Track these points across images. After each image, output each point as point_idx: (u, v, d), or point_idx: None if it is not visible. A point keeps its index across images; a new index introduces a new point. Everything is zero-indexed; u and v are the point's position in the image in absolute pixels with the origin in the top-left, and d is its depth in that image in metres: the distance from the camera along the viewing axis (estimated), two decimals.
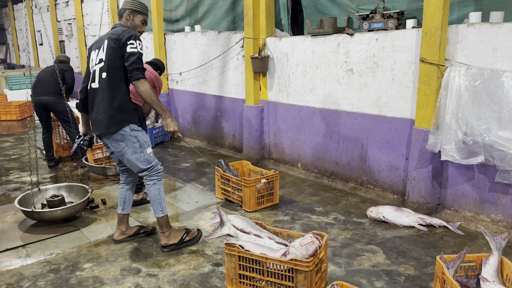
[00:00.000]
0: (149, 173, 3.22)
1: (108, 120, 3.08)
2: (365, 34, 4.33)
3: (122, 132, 3.10)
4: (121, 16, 3.25)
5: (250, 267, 2.72)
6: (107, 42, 3.06)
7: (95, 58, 3.16)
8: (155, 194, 3.25)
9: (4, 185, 5.09)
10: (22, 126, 8.97)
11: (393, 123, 4.23)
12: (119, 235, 3.54)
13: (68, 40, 12.15)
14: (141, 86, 3.01)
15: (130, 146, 3.13)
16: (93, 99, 3.17)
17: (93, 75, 3.15)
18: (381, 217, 3.82)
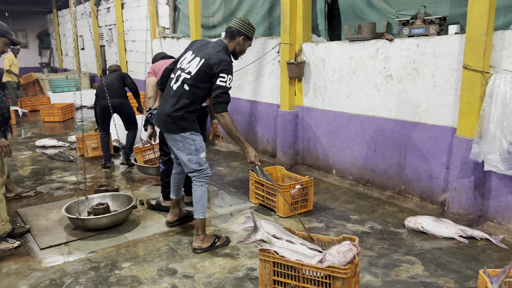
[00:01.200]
0: (199, 174, 3.37)
1: (171, 124, 3.28)
2: (405, 39, 4.26)
3: (182, 134, 3.29)
4: (232, 36, 3.32)
5: (285, 273, 2.70)
6: (203, 63, 3.19)
7: (187, 61, 3.30)
8: (200, 195, 3.37)
9: (48, 184, 5.31)
10: (64, 128, 9.33)
11: (433, 131, 4.12)
12: (172, 217, 3.86)
13: (109, 45, 12.57)
14: (222, 119, 3.22)
15: (186, 147, 3.31)
16: (167, 95, 3.36)
17: (177, 77, 3.31)
18: (420, 227, 3.73)
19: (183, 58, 3.38)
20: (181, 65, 3.35)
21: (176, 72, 3.36)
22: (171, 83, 3.36)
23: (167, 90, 3.39)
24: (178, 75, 3.31)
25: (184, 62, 3.34)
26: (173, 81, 3.35)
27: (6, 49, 3.45)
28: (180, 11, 8.55)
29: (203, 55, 3.23)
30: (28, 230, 3.89)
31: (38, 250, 3.55)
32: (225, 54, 3.25)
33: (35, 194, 4.89)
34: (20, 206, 4.54)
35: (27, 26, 19.35)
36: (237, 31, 3.30)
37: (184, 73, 3.27)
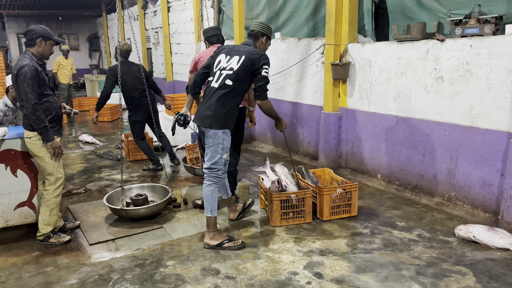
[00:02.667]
0: (210, 172, 3.55)
1: (214, 120, 3.46)
2: (457, 40, 4.07)
3: (217, 131, 3.47)
4: (256, 37, 3.67)
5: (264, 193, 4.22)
6: (244, 58, 3.45)
7: (224, 62, 3.54)
8: (208, 194, 3.55)
9: (97, 182, 5.51)
10: (112, 127, 9.68)
11: (487, 136, 3.91)
12: (234, 214, 4.06)
13: (155, 48, 12.92)
14: (265, 105, 3.54)
15: (215, 144, 3.49)
16: (209, 96, 3.53)
17: (218, 76, 3.51)
18: (471, 236, 3.55)
19: (217, 61, 3.59)
20: (218, 67, 3.55)
21: (214, 73, 3.56)
22: (211, 84, 3.55)
23: (208, 90, 3.57)
24: (219, 74, 3.51)
25: (221, 64, 3.55)
26: (213, 81, 3.54)
27: (53, 50, 3.63)
28: (225, 14, 8.65)
29: (242, 53, 3.48)
30: (78, 226, 4.05)
31: (87, 245, 3.69)
32: (258, 50, 3.57)
33: (85, 191, 5.10)
34: (70, 202, 4.75)
35: (78, 29, 20.27)
36: (260, 33, 3.66)
37: (225, 70, 3.48)
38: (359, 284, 2.97)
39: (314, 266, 3.22)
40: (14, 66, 3.47)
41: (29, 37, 3.50)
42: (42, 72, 3.51)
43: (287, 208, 3.96)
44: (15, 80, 3.44)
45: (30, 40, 3.50)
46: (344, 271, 3.15)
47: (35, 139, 3.52)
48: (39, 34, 3.49)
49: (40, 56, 3.54)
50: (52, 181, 3.63)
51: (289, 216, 3.98)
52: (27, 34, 3.51)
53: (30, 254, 3.54)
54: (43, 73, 3.52)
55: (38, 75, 3.43)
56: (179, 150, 7.08)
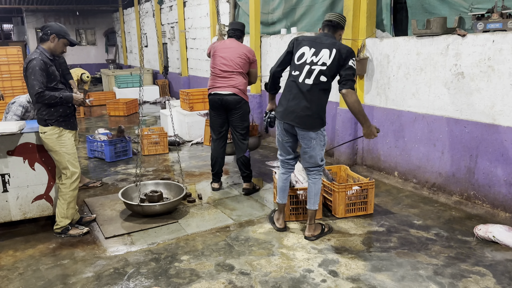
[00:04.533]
0: (319, 169, 3.58)
1: (315, 120, 3.41)
2: (479, 35, 3.97)
3: (318, 131, 3.45)
4: (335, 29, 3.49)
5: None
6: (335, 52, 3.32)
7: (311, 55, 3.39)
8: (318, 188, 3.60)
9: (113, 176, 5.56)
10: (128, 122, 9.75)
11: (509, 134, 3.81)
12: (282, 222, 3.82)
13: (171, 43, 12.96)
14: (350, 96, 3.32)
15: (318, 143, 3.48)
16: (301, 93, 3.41)
17: (309, 72, 3.38)
18: (491, 236, 3.46)
19: (300, 54, 3.44)
20: (304, 61, 3.41)
21: (301, 68, 3.41)
22: (300, 79, 3.41)
23: (297, 87, 3.43)
24: (309, 69, 3.38)
25: (307, 57, 3.40)
26: (301, 77, 3.40)
27: (65, 49, 3.68)
28: (240, 8, 8.60)
29: (331, 46, 3.35)
30: (94, 219, 4.09)
31: (103, 239, 3.72)
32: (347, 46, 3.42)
33: (101, 185, 5.15)
34: (87, 196, 4.80)
35: (95, 24, 20.47)
36: (340, 25, 3.50)
37: (317, 65, 3.35)
38: (375, 283, 2.93)
39: (329, 264, 3.19)
40: (25, 60, 3.54)
41: (44, 32, 3.59)
42: (52, 66, 3.56)
43: (296, 204, 3.96)
44: (25, 74, 3.51)
45: (44, 35, 3.59)
46: (360, 269, 3.11)
47: (49, 133, 3.57)
48: (54, 30, 3.57)
49: (51, 52, 3.60)
50: (69, 175, 3.67)
51: (299, 211, 3.99)
52: (43, 29, 3.61)
53: (47, 246, 3.59)
54: (53, 68, 3.56)
55: (47, 68, 3.49)
56: (193, 145, 7.08)
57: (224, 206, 4.39)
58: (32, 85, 3.43)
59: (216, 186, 4.84)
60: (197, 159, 6.24)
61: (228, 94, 4.54)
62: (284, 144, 3.66)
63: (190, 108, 7.42)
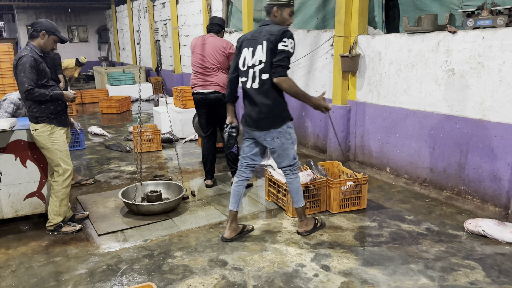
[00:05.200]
0: (293, 167, 3.45)
1: (273, 119, 3.25)
2: (469, 32, 4.01)
3: (281, 129, 3.28)
4: (268, 12, 3.30)
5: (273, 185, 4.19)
6: (266, 44, 3.14)
7: (250, 57, 3.25)
8: (297, 187, 3.50)
9: (106, 173, 5.55)
10: (121, 119, 9.72)
11: (498, 129, 3.86)
12: (230, 233, 3.55)
13: (163, 40, 12.91)
14: (284, 83, 3.12)
15: (284, 142, 3.32)
16: (253, 98, 3.27)
17: (253, 75, 3.24)
18: (481, 230, 3.51)
19: (243, 59, 3.32)
20: (246, 65, 3.29)
21: (246, 73, 3.30)
22: (248, 85, 3.29)
23: (247, 94, 3.33)
24: (252, 73, 3.25)
25: (247, 61, 3.28)
26: (248, 82, 3.28)
27: (55, 46, 3.68)
28: (233, 5, 8.60)
29: (263, 39, 3.16)
30: (87, 217, 4.09)
31: (96, 236, 3.72)
32: (277, 26, 3.21)
33: (94, 183, 5.14)
34: (80, 193, 4.79)
35: (87, 21, 20.34)
36: (269, 5, 3.29)
37: (256, 66, 3.21)
38: (367, 277, 2.96)
39: (322, 259, 3.22)
40: (15, 57, 3.52)
41: (34, 29, 3.58)
42: (43, 63, 3.54)
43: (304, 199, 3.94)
44: (15, 72, 3.49)
45: (34, 31, 3.58)
46: (352, 264, 3.15)
47: (40, 131, 3.56)
48: (43, 27, 3.56)
49: (41, 49, 3.59)
50: (61, 172, 3.66)
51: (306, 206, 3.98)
52: (33, 26, 3.60)
53: (40, 244, 3.58)
54: (44, 65, 3.55)
55: (37, 65, 3.47)
56: (187, 143, 7.08)
57: (217, 203, 4.41)
58: (22, 82, 3.42)
59: (209, 183, 4.85)
60: (191, 156, 6.24)
61: (210, 93, 4.51)
62: (244, 149, 3.53)
63: (183, 105, 7.42)
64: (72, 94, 3.72)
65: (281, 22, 3.28)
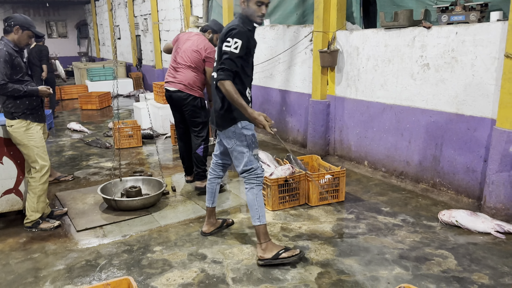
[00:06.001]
0: (248, 175, 3.10)
1: (221, 118, 3.07)
2: (443, 27, 4.10)
3: (233, 129, 3.05)
4: (240, 4, 3.05)
5: None
6: (219, 41, 3.02)
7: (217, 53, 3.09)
8: (252, 199, 3.09)
9: (85, 169, 5.50)
10: (101, 115, 9.61)
11: (471, 122, 3.97)
12: (209, 228, 3.56)
13: (144, 35, 12.79)
14: (222, 87, 2.89)
15: (238, 144, 3.07)
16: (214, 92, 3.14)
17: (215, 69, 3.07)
18: (454, 221, 3.62)
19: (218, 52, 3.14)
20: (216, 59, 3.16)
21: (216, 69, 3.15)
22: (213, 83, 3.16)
23: None
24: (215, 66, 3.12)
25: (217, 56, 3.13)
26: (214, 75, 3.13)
27: (31, 41, 3.63)
28: (214, 0, 8.57)
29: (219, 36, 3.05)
30: (66, 213, 4.05)
31: (74, 232, 3.70)
32: (236, 21, 2.97)
33: (72, 179, 5.09)
34: (58, 190, 4.74)
35: (66, 16, 19.97)
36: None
37: (215, 62, 3.10)
38: (343, 268, 3.03)
39: None
40: None
41: (8, 24, 3.53)
42: (18, 58, 3.51)
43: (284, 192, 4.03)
44: None
45: (8, 26, 3.53)
46: (329, 255, 3.21)
47: (16, 127, 3.52)
48: (17, 22, 3.51)
49: (15, 44, 3.54)
50: (38, 168, 3.63)
51: (285, 199, 4.06)
52: (7, 21, 3.54)
53: (18, 241, 3.55)
54: (19, 59, 3.51)
55: (12, 60, 3.44)
56: (167, 138, 7.06)
57: (197, 198, 4.42)
58: None
59: (189, 179, 4.85)
60: (171, 152, 6.23)
61: (174, 91, 4.37)
62: (216, 145, 3.42)
63: (164, 101, 7.37)
64: (47, 90, 3.67)
65: (250, 15, 2.99)
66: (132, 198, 4.08)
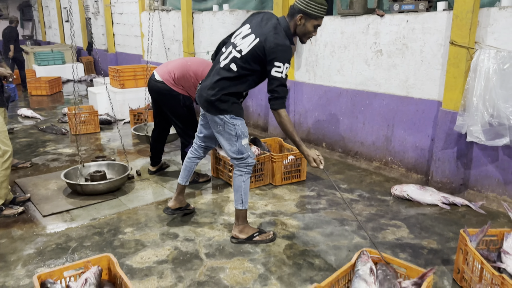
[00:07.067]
0: (239, 163, 3.10)
1: (210, 104, 2.96)
2: (395, 15, 4.39)
3: (221, 117, 2.97)
4: (292, 14, 2.87)
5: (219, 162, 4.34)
6: (257, 43, 2.81)
7: (242, 36, 2.93)
8: (239, 185, 3.12)
9: (43, 156, 5.37)
10: (52, 101, 9.27)
11: (420, 105, 4.31)
12: (175, 204, 3.54)
13: (95, 18, 12.35)
14: (278, 117, 2.86)
15: (226, 131, 3.00)
16: (211, 72, 3.03)
17: (228, 54, 2.95)
18: (405, 195, 3.96)
19: (239, 31, 2.99)
20: (234, 40, 2.97)
21: (228, 46, 3.00)
22: (221, 58, 3.00)
23: (215, 64, 3.05)
24: (229, 52, 2.95)
25: (238, 37, 2.96)
26: (223, 56, 2.99)
27: None
28: None
29: (260, 34, 2.82)
30: (29, 199, 3.99)
31: (40, 217, 3.67)
32: (284, 36, 2.80)
33: (31, 166, 4.97)
34: (17, 176, 4.62)
35: None
36: (296, 8, 2.83)
37: (235, 51, 2.90)
38: (308, 239, 3.26)
39: (267, 226, 3.47)
40: None
41: None
42: None
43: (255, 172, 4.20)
44: None
45: None
46: (294, 229, 3.43)
47: None
48: None
49: None
50: (0, 153, 3.55)
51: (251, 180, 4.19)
52: None
53: None
54: None
55: None
56: (126, 124, 6.99)
57: (164, 181, 4.49)
58: None
59: (151, 169, 4.71)
60: (131, 137, 6.20)
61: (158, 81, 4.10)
62: (199, 127, 3.38)
63: (121, 85, 7.27)
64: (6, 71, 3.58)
65: (301, 34, 2.91)
66: (97, 182, 4.08)
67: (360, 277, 2.28)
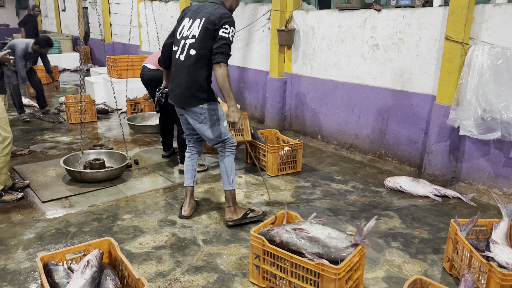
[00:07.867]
0: (224, 145, 3.26)
1: (189, 97, 3.12)
2: (392, 10, 4.45)
3: (202, 106, 3.12)
4: None
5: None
6: (204, 21, 3.04)
7: (187, 28, 3.14)
8: (227, 166, 3.25)
9: (41, 144, 5.40)
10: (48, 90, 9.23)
11: (414, 99, 4.39)
12: (190, 211, 3.51)
13: (92, 7, 12.29)
14: (219, 69, 2.99)
15: (209, 119, 3.16)
16: (177, 70, 3.19)
17: (183, 47, 3.13)
18: (398, 186, 4.05)
19: (181, 27, 3.20)
20: (182, 35, 3.17)
21: (178, 43, 3.18)
22: (177, 56, 3.18)
23: (174, 64, 3.22)
24: (183, 44, 3.14)
25: (184, 30, 3.17)
26: (178, 52, 3.17)
27: None
28: None
29: (203, 15, 3.07)
30: (28, 185, 4.04)
31: (40, 203, 3.72)
32: (225, 9, 3.12)
33: (29, 153, 5.00)
34: (16, 163, 4.66)
35: None
36: None
37: (189, 39, 3.10)
38: None
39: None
40: None
41: None
42: None
43: None
44: None
45: None
46: None
47: None
48: None
49: None
50: (0, 139, 3.59)
51: None
52: None
53: None
54: None
55: None
56: (123, 113, 7.02)
57: (162, 170, 4.55)
58: None
59: (164, 154, 4.88)
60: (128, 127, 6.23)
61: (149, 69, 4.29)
62: (183, 126, 3.47)
63: (118, 75, 7.29)
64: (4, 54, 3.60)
65: (234, 7, 3.26)
66: (97, 170, 4.13)
67: None
